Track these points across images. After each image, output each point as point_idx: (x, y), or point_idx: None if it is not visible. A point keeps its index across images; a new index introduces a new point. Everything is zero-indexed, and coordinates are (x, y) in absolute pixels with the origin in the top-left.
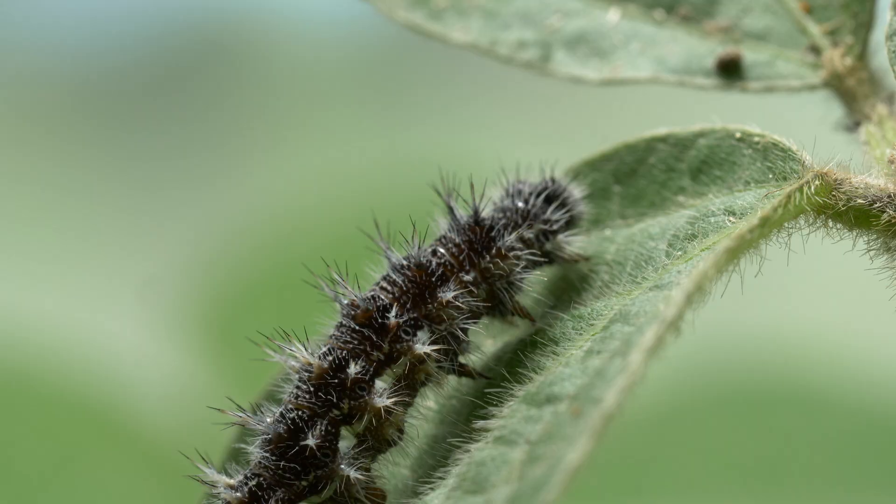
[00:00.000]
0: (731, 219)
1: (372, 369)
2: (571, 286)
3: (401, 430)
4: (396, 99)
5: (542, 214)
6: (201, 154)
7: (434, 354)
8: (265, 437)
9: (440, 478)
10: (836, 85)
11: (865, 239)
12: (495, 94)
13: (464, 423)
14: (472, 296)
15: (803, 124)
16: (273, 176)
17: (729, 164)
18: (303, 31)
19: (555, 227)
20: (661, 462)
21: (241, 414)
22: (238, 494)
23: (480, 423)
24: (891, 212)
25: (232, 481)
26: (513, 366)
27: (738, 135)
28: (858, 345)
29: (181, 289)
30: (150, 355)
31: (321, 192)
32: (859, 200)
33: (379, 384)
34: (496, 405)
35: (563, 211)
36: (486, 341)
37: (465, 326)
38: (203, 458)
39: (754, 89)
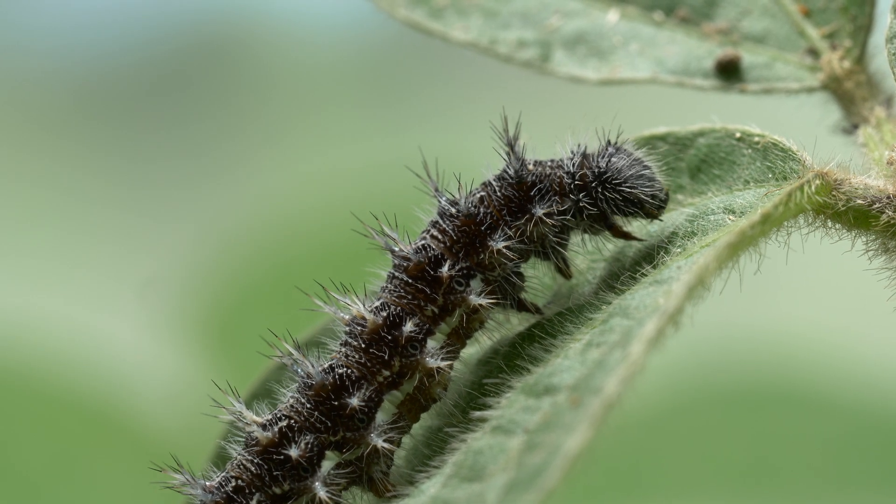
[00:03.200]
0: (731, 217)
1: (426, 327)
2: (569, 282)
3: (446, 388)
4: (396, 100)
5: (594, 182)
6: (201, 154)
7: (488, 305)
8: (307, 381)
9: (436, 467)
10: (835, 88)
11: (864, 239)
12: (494, 94)
13: (461, 414)
14: (522, 242)
15: (801, 127)
16: (273, 176)
17: (728, 163)
18: (302, 33)
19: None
20: (659, 462)
21: (284, 356)
22: (268, 434)
23: (478, 414)
24: (890, 212)
25: (261, 419)
26: (511, 358)
27: (737, 134)
28: (856, 345)
29: (181, 289)
30: (150, 355)
31: (321, 192)
32: (859, 201)
33: (431, 344)
34: (494, 396)
35: (620, 181)
36: (482, 337)
37: (518, 270)
38: (234, 391)
39: (753, 91)
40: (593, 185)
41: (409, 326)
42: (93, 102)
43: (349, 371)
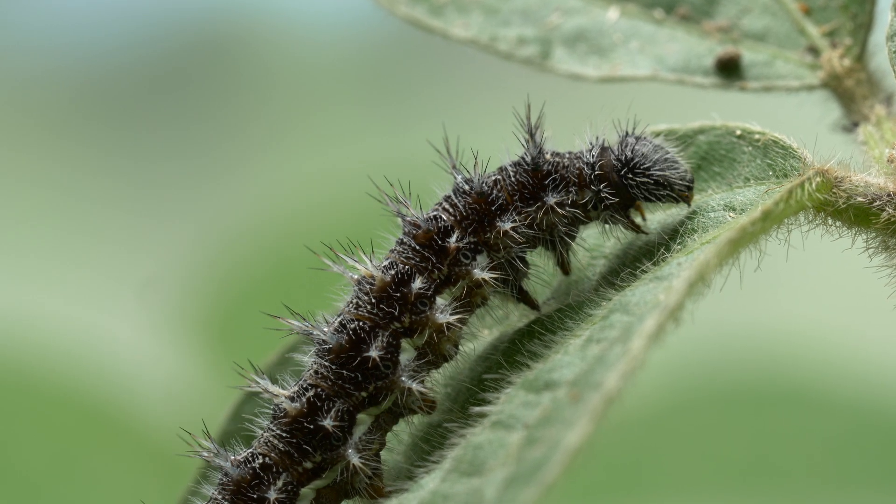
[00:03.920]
0: (731, 214)
1: (434, 285)
2: (569, 278)
3: (457, 346)
4: (396, 98)
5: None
6: (201, 154)
7: (491, 280)
8: (324, 346)
9: (435, 462)
10: (835, 86)
11: (864, 237)
12: (495, 92)
13: (460, 409)
14: (530, 227)
15: (801, 125)
16: (273, 176)
17: (729, 160)
18: (303, 32)
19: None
20: (659, 460)
21: (298, 323)
22: (297, 405)
23: (477, 409)
24: (890, 210)
25: (288, 391)
26: (510, 354)
27: (738, 132)
28: (856, 343)
29: (181, 289)
30: (150, 355)
31: (321, 192)
32: (859, 198)
33: (440, 301)
34: (493, 392)
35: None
36: (483, 331)
37: (522, 255)
38: (256, 368)
39: (753, 89)
40: (622, 172)
41: (417, 283)
42: (93, 102)
43: (361, 324)
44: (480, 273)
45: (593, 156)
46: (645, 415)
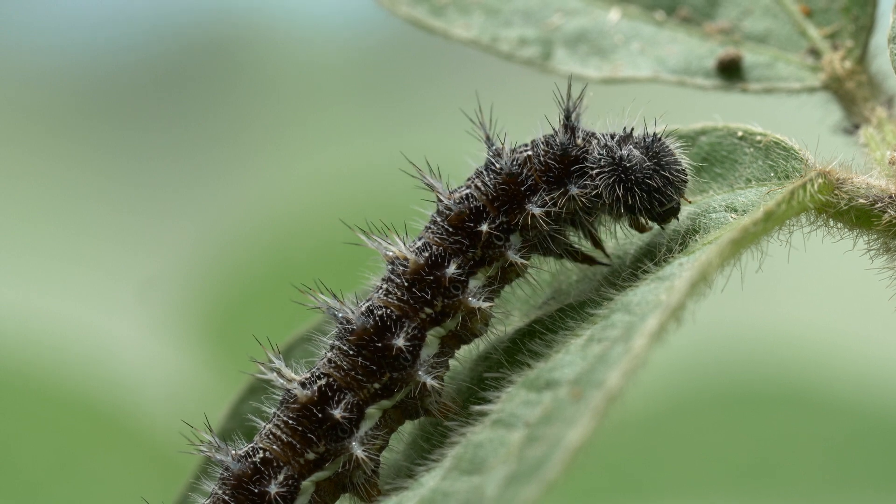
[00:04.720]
0: (733, 215)
1: (467, 268)
2: (570, 278)
3: (487, 323)
4: (397, 99)
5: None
6: (202, 154)
7: (524, 264)
8: (347, 326)
9: (435, 460)
10: (836, 88)
11: (866, 239)
12: (496, 93)
13: (461, 408)
14: (555, 206)
15: (802, 126)
16: (273, 176)
17: (730, 161)
18: (303, 32)
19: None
20: (659, 462)
21: (326, 300)
22: (307, 392)
23: (478, 408)
24: (892, 212)
25: (300, 377)
26: (511, 353)
27: (739, 133)
28: (856, 344)
29: (181, 288)
30: (150, 355)
31: (322, 192)
32: (861, 200)
33: (472, 283)
34: (494, 390)
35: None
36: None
37: (555, 234)
38: (276, 348)
39: (754, 90)
40: (609, 176)
41: (451, 269)
42: (93, 101)
43: (389, 311)
44: (514, 256)
45: (604, 150)
46: (646, 416)
